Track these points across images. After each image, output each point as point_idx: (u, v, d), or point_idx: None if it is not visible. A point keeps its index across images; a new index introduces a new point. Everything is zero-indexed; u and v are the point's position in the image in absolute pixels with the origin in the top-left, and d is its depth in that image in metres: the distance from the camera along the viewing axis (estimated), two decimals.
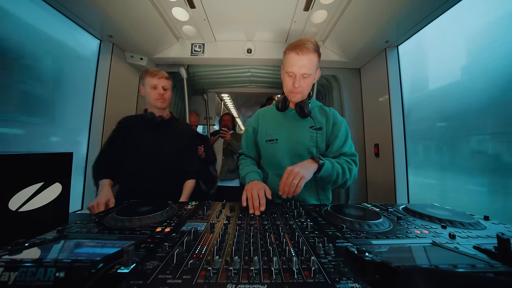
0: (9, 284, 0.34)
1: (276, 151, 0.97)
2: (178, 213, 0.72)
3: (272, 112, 1.05)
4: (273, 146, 0.98)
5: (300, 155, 0.94)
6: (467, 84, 1.20)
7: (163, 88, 1.19)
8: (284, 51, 0.91)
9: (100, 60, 1.58)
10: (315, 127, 0.95)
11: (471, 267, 0.36)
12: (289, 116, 1.00)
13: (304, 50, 0.83)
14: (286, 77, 0.91)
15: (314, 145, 0.94)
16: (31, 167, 0.59)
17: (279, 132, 0.98)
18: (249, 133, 1.07)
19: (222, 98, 3.86)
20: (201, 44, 1.83)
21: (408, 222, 0.66)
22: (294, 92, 0.91)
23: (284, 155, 0.96)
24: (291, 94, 0.92)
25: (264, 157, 1.03)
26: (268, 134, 1.00)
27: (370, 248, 0.45)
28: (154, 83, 1.18)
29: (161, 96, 1.18)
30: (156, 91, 1.18)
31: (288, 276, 0.37)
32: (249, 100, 4.44)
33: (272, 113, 1.05)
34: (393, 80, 1.61)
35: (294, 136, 0.96)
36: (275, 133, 0.98)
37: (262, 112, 1.09)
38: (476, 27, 1.14)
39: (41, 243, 0.46)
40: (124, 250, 0.39)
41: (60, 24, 1.31)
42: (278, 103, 0.98)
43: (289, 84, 0.90)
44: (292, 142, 0.96)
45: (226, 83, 2.32)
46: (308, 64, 0.85)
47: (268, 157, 1.00)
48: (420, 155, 1.53)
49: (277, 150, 0.97)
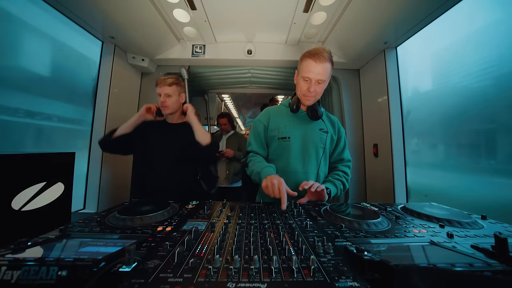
0: (12, 283, 0.34)
1: (288, 149, 1.02)
2: (179, 212, 0.73)
3: (282, 111, 1.10)
4: (286, 144, 1.03)
5: (309, 153, 1.02)
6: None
7: (166, 95, 1.23)
8: (301, 58, 0.98)
9: (102, 61, 1.59)
10: (324, 129, 1.04)
11: (469, 266, 0.36)
12: (300, 117, 1.06)
13: (322, 59, 0.90)
14: (302, 81, 0.97)
15: (323, 146, 1.03)
16: (33, 167, 0.60)
17: (291, 131, 1.03)
18: (259, 131, 1.09)
19: (223, 99, 3.88)
20: (202, 45, 1.84)
21: (407, 222, 0.66)
22: (309, 96, 0.97)
23: (295, 153, 1.02)
24: (305, 97, 0.98)
25: (274, 154, 1.07)
26: (280, 132, 1.04)
27: (369, 247, 0.45)
28: (158, 91, 1.23)
29: (163, 103, 1.23)
30: (160, 99, 1.23)
31: (287, 275, 0.37)
32: (249, 101, 4.45)
33: (283, 113, 1.09)
34: (391, 81, 1.62)
35: (306, 135, 1.03)
36: (287, 131, 1.03)
37: (272, 111, 1.12)
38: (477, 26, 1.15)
39: (43, 242, 0.47)
40: (126, 249, 0.39)
41: (63, 26, 1.32)
42: (293, 105, 1.02)
43: (304, 88, 0.96)
44: (304, 141, 1.03)
45: (227, 83, 2.33)
46: (324, 71, 0.92)
47: (279, 153, 1.05)
48: (420, 155, 1.54)
49: (289, 148, 1.02)
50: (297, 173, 1.01)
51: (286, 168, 1.02)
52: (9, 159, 0.55)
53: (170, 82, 1.23)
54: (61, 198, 0.65)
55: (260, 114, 1.14)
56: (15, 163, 0.56)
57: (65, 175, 0.67)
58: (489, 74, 1.09)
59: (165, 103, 1.22)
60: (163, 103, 1.22)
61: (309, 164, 1.01)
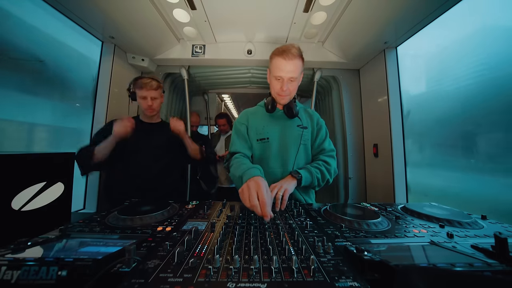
0: (12, 283, 0.34)
1: (267, 149, 1.01)
2: (179, 212, 0.73)
3: (259, 112, 1.09)
4: (265, 145, 1.02)
5: (289, 152, 1.00)
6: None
7: (153, 99, 1.25)
8: (271, 56, 0.95)
9: (102, 61, 1.59)
10: (302, 125, 1.03)
11: (469, 266, 0.36)
12: (277, 116, 1.05)
13: (290, 56, 0.88)
14: (274, 80, 0.95)
15: (303, 142, 1.01)
16: (33, 167, 0.60)
17: (269, 131, 1.02)
18: (242, 132, 1.05)
19: (223, 99, 3.87)
20: (202, 45, 1.83)
21: (407, 222, 0.66)
22: (282, 95, 0.95)
23: (274, 153, 1.01)
24: (279, 96, 0.97)
25: (254, 156, 1.06)
26: (258, 134, 1.03)
27: (369, 247, 0.45)
28: (144, 95, 1.23)
29: (150, 107, 1.24)
30: (146, 101, 1.23)
31: (287, 275, 0.37)
32: (249, 101, 4.44)
33: (260, 114, 1.08)
34: (392, 81, 1.62)
35: (284, 134, 1.02)
36: (265, 132, 1.02)
37: (249, 112, 1.10)
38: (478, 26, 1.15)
39: (43, 242, 0.47)
40: (126, 249, 0.39)
41: (62, 26, 1.32)
42: (268, 105, 1.01)
43: (277, 87, 0.95)
44: (282, 140, 1.01)
45: (227, 83, 2.33)
46: (294, 68, 0.90)
47: (259, 155, 1.03)
48: (419, 154, 1.54)
49: (268, 148, 1.01)
50: (276, 172, 0.99)
51: (266, 169, 0.97)
52: (9, 159, 0.55)
53: (156, 85, 1.24)
54: (61, 198, 0.65)
55: (239, 116, 1.12)
56: (15, 163, 0.56)
57: (65, 175, 0.67)
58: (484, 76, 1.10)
59: (152, 106, 1.24)
60: (150, 107, 1.24)
61: (288, 162, 0.99)
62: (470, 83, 1.17)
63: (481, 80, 1.12)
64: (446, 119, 1.33)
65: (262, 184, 0.67)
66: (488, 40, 1.11)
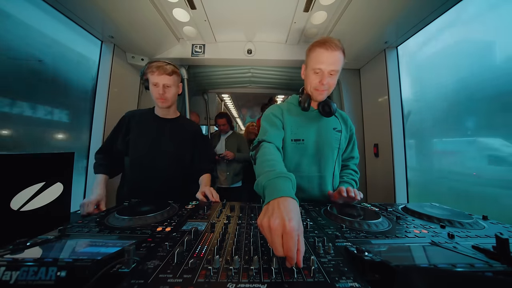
0: (11, 283, 0.34)
1: (301, 152, 0.94)
2: (178, 212, 0.72)
3: (293, 110, 0.98)
4: (299, 146, 0.93)
5: (325, 156, 0.94)
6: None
7: (165, 86, 1.06)
8: (309, 48, 0.89)
9: (102, 61, 1.58)
10: (338, 129, 0.96)
11: (470, 267, 0.36)
12: (312, 116, 0.96)
13: (334, 47, 0.82)
14: (312, 74, 0.87)
15: (338, 146, 0.95)
16: (32, 167, 0.59)
17: (304, 132, 0.94)
18: (278, 124, 0.93)
19: (223, 99, 3.87)
20: (202, 45, 1.83)
21: (407, 222, 0.66)
22: (321, 90, 0.88)
23: (311, 157, 0.94)
24: (317, 92, 0.89)
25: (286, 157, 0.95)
26: (293, 133, 0.94)
27: (369, 248, 0.45)
28: (155, 81, 1.04)
29: (161, 95, 1.05)
30: (157, 89, 1.05)
31: (287, 276, 0.37)
32: (249, 101, 4.44)
33: (294, 112, 0.97)
34: (392, 81, 1.61)
35: (321, 137, 0.94)
36: (300, 133, 0.94)
37: (283, 108, 0.99)
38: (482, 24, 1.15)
39: (42, 243, 0.46)
40: (125, 250, 0.39)
41: (61, 26, 1.32)
42: (304, 102, 0.91)
43: (316, 81, 0.87)
44: (319, 144, 0.94)
45: (227, 83, 2.33)
46: (336, 61, 0.83)
47: (291, 156, 0.94)
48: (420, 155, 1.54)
49: (302, 151, 0.93)
50: (312, 178, 0.93)
51: (299, 173, 0.91)
52: (8, 159, 0.55)
53: (170, 70, 1.05)
54: (60, 198, 0.64)
55: (272, 109, 0.98)
56: (14, 163, 0.56)
57: (64, 175, 0.67)
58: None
59: (164, 95, 1.05)
60: (162, 95, 1.05)
61: (326, 167, 0.93)
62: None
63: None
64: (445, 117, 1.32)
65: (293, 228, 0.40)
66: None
